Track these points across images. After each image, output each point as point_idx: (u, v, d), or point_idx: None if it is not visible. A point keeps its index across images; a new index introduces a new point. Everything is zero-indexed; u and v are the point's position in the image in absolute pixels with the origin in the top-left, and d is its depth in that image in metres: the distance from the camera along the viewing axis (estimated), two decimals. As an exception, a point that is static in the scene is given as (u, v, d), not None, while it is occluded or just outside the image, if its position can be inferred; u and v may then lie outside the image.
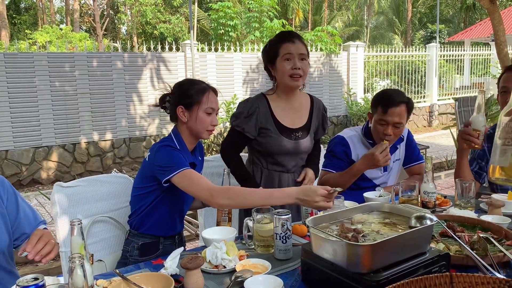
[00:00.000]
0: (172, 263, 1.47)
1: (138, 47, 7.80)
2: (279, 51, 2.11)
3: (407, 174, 2.60)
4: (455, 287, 1.16)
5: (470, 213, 1.90)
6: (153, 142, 7.91)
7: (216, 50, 8.57)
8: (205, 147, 8.09)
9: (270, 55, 2.16)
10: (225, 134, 8.52)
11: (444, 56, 12.43)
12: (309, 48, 9.60)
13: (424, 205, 2.02)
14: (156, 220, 2.01)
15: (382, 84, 11.85)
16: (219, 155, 2.39)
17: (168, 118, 1.92)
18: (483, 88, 13.59)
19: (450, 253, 1.37)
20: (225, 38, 12.06)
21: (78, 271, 0.94)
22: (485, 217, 1.84)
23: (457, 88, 13.27)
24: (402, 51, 11.73)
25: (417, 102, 11.45)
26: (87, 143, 7.28)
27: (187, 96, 1.94)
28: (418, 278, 1.15)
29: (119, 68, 7.43)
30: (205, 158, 2.51)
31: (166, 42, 8.33)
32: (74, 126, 7.12)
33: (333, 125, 10.15)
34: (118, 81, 7.43)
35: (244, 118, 2.19)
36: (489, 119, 5.27)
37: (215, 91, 2.01)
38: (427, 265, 1.26)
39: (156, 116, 7.91)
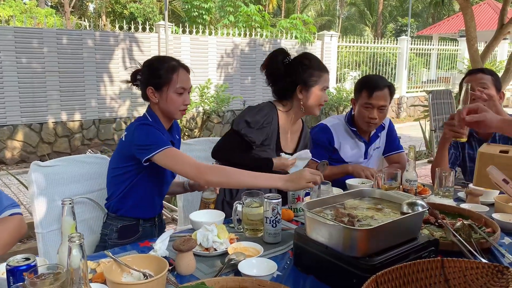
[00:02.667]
0: (161, 245, 1.44)
1: (109, 26, 7.53)
2: (320, 81, 2.02)
3: (387, 163, 2.65)
4: (446, 272, 1.20)
5: (449, 201, 1.96)
6: (123, 124, 7.75)
7: (190, 32, 8.42)
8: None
9: (305, 77, 2.02)
10: (198, 119, 8.44)
11: (414, 50, 12.70)
12: (284, 35, 9.64)
13: (406, 192, 2.06)
14: (135, 202, 1.96)
15: (353, 75, 12.01)
16: (202, 138, 2.35)
17: (140, 100, 1.90)
18: (449, 82, 14.00)
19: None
20: (199, 21, 11.90)
21: (77, 251, 0.91)
22: (464, 206, 1.90)
23: (424, 82, 13.62)
24: (373, 43, 11.89)
25: (387, 94, 11.66)
26: (54, 123, 7.05)
27: (156, 76, 1.87)
28: (411, 262, 1.18)
29: (90, 46, 7.20)
30: (187, 141, 2.48)
31: (137, 22, 8.12)
32: (41, 105, 6.87)
33: (305, 113, 10.24)
34: (88, 60, 7.20)
35: (256, 129, 2.02)
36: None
37: (186, 69, 1.94)
38: (418, 250, 1.29)
39: (127, 97, 7.74)
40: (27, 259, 1.05)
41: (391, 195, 1.49)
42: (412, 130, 9.31)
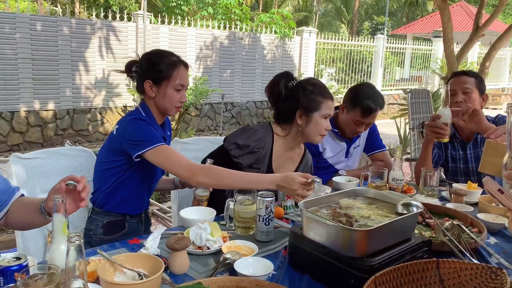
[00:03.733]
0: (153, 243, 1.41)
1: (85, 14, 7.32)
2: (322, 107, 1.94)
3: (371, 160, 2.68)
4: (441, 272, 1.21)
5: (435, 201, 2.00)
6: (98, 115, 7.58)
7: (169, 23, 8.29)
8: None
9: (310, 106, 1.94)
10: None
11: (389, 48, 12.89)
12: (263, 30, 9.60)
13: (392, 190, 2.08)
14: (123, 198, 1.92)
15: (329, 72, 12.09)
16: (198, 137, 2.30)
17: (116, 90, 1.84)
18: (422, 81, 14.30)
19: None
20: (177, 11, 11.73)
21: (76, 251, 0.87)
22: (449, 205, 1.94)
23: (397, 80, 13.85)
24: (349, 40, 11.99)
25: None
26: (27, 112, 6.82)
27: (156, 70, 1.84)
28: (407, 263, 1.19)
29: (65, 34, 6.98)
30: (183, 140, 2.43)
31: (112, 10, 7.93)
32: (13, 92, 6.63)
33: (283, 108, 10.25)
34: (63, 48, 6.99)
35: (246, 153, 1.95)
36: (435, 110, 5.53)
37: (186, 66, 1.91)
38: (413, 251, 1.31)
39: (103, 87, 7.56)
40: (18, 258, 1.00)
41: (385, 195, 1.50)
42: (386, 128, 9.47)
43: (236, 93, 9.42)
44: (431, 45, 14.06)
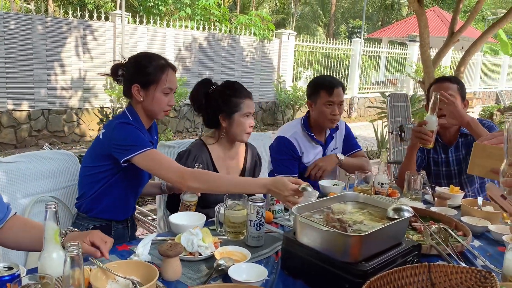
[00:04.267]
0: (143, 249, 1.39)
1: (60, 12, 7.14)
2: (241, 107, 2.01)
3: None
4: (432, 276, 1.23)
5: (419, 204, 2.04)
6: (74, 116, 7.43)
7: (148, 23, 8.19)
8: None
9: (228, 107, 2.02)
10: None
11: (365, 52, 13.08)
12: (242, 31, 9.60)
13: (378, 194, 2.11)
14: (109, 204, 1.89)
15: (307, 74, 12.19)
16: (184, 140, 2.29)
17: (93, 91, 1.79)
18: (397, 84, 14.56)
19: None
20: (154, 11, 11.60)
21: (75, 260, 0.85)
22: (434, 209, 1.98)
23: (372, 83, 14.05)
24: (326, 43, 12.09)
25: (340, 94, 11.93)
26: (-1, 112, 6.63)
27: (145, 73, 1.81)
28: (400, 268, 1.21)
29: (40, 33, 6.81)
30: (168, 143, 2.40)
31: (86, 9, 7.80)
32: (-15, 92, 6.43)
33: (262, 110, 10.28)
34: (38, 47, 6.82)
35: None
36: (413, 114, 5.66)
37: (174, 69, 1.89)
38: (404, 255, 1.33)
39: (79, 88, 7.41)
40: (10, 268, 0.97)
41: (375, 199, 1.52)
42: (363, 130, 9.61)
43: (215, 94, 9.38)
44: (406, 49, 14.34)
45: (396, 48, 14.07)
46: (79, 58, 7.28)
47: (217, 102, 2.02)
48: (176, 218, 1.66)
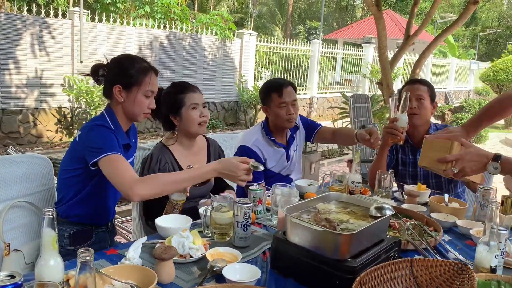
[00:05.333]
0: (134, 253, 1.40)
1: (15, 9, 6.85)
2: (185, 101, 2.09)
3: (320, 141, 2.77)
4: (414, 270, 1.33)
5: (390, 202, 2.14)
6: (30, 116, 7.15)
7: (107, 21, 8.00)
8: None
9: (173, 105, 2.11)
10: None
11: (323, 53, 13.36)
12: (204, 31, 9.56)
13: (351, 193, 2.20)
14: (89, 208, 1.87)
15: (268, 74, 12.31)
16: (156, 141, 2.29)
17: (50, 90, 1.75)
18: (352, 85, 14.97)
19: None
20: (112, 9, 11.31)
21: (87, 267, 0.85)
22: (404, 206, 2.09)
23: (329, 83, 14.36)
24: (284, 43, 12.21)
25: (298, 94, 12.15)
26: (-52, 113, 6.27)
27: (127, 75, 1.80)
28: (386, 263, 1.29)
29: (-7, 29, 6.51)
30: (144, 146, 2.38)
31: (36, 4, 7.52)
32: None
33: (224, 110, 10.29)
34: (-9, 44, 6.51)
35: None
36: (373, 114, 5.86)
37: (156, 72, 1.90)
38: (387, 251, 1.41)
39: (36, 87, 7.13)
40: (13, 277, 0.96)
41: (357, 199, 1.60)
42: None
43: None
44: (362, 51, 14.78)
45: (351, 49, 14.46)
46: (35, 57, 7.01)
47: (165, 104, 2.12)
48: (163, 221, 1.66)
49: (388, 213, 1.43)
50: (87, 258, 0.86)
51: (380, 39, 6.64)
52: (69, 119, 7.62)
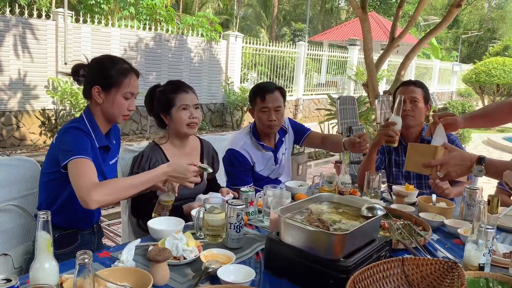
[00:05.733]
0: (128, 255, 1.39)
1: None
2: (175, 101, 2.09)
3: (311, 146, 2.81)
4: (406, 269, 1.35)
5: (380, 202, 2.17)
6: (13, 119, 7.05)
7: (92, 22, 7.93)
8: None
9: (164, 104, 2.12)
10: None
11: (309, 55, 13.44)
12: (190, 33, 9.52)
13: (341, 194, 2.23)
14: (73, 213, 1.84)
15: (254, 76, 12.33)
16: (144, 143, 2.28)
17: (33, 92, 1.74)
18: (337, 86, 15.09)
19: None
20: (96, 10, 11.19)
21: (86, 269, 0.85)
22: (393, 206, 2.12)
23: (315, 85, 14.45)
24: (270, 45, 12.25)
25: (285, 96, 12.16)
26: None
27: (107, 76, 1.79)
28: (378, 262, 1.32)
29: (-26, 30, 6.39)
30: (132, 148, 2.36)
31: (18, 5, 7.42)
32: None
33: (210, 112, 10.27)
34: (-28, 45, 6.39)
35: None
36: (359, 116, 5.92)
37: (137, 74, 1.89)
38: (378, 250, 1.43)
39: (19, 89, 7.02)
40: (9, 280, 0.95)
41: (348, 199, 1.62)
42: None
43: (162, 96, 9.25)
44: (347, 52, 14.90)
45: (336, 51, 14.57)
46: (18, 58, 6.90)
47: (158, 102, 2.14)
48: (156, 223, 1.66)
49: (380, 213, 1.46)
50: (86, 260, 0.86)
51: (365, 42, 6.72)
52: (53, 121, 7.52)
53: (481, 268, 1.44)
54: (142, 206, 2.06)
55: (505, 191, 2.63)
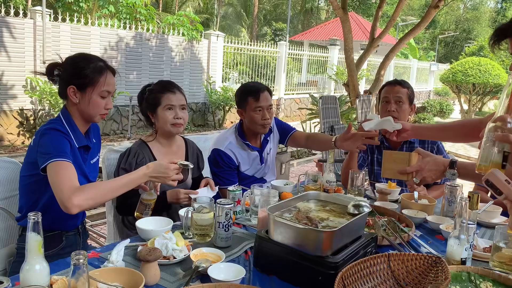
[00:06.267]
0: (117, 256, 1.39)
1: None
2: (161, 101, 2.12)
3: (294, 145, 2.83)
4: (392, 264, 1.39)
5: (364, 200, 2.21)
6: (-10, 119, 6.89)
7: (71, 21, 7.81)
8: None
9: (151, 103, 2.15)
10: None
11: (290, 54, 13.52)
12: (171, 32, 9.47)
13: (326, 192, 2.26)
14: (55, 216, 1.79)
15: (235, 75, 12.34)
16: (128, 143, 2.28)
17: (11, 92, 1.70)
18: (317, 86, 15.20)
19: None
20: (74, 8, 11.03)
21: (82, 270, 0.85)
22: (377, 203, 2.16)
23: (296, 84, 14.55)
24: (251, 44, 12.28)
25: (267, 95, 12.19)
26: None
27: (82, 75, 1.76)
28: (365, 258, 1.35)
29: (-52, 28, 6.22)
30: (117, 148, 2.35)
31: None
32: None
33: (192, 111, 10.23)
34: None
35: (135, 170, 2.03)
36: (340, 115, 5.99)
37: (113, 72, 1.86)
38: (364, 246, 1.47)
39: (-5, 89, 6.88)
40: (1, 282, 0.94)
41: (334, 197, 1.65)
42: (291, 130, 9.94)
43: (143, 95, 9.17)
44: (328, 52, 15.04)
45: (317, 51, 14.69)
46: (-5, 57, 6.77)
47: (146, 101, 2.17)
48: (144, 223, 1.66)
49: (366, 210, 1.49)
50: (81, 261, 0.86)
51: (346, 42, 6.80)
52: (32, 121, 7.39)
53: (463, 262, 1.49)
54: (129, 203, 2.06)
55: (483, 188, 2.71)
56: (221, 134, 2.64)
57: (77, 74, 1.77)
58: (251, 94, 2.47)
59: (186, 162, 1.79)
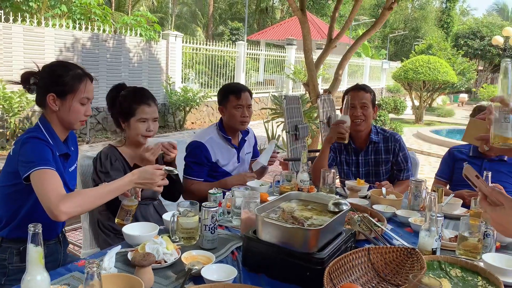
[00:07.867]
0: (109, 262, 1.41)
1: None
2: (136, 112, 2.15)
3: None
4: (371, 257, 1.50)
5: (335, 197, 2.32)
6: None
7: (23, 21, 7.52)
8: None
9: (125, 112, 2.16)
10: (34, 119, 7.61)
11: (248, 54, 13.62)
12: (128, 32, 9.30)
13: (300, 190, 2.36)
14: None
15: (193, 75, 12.27)
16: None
17: None
18: (274, 85, 15.40)
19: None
20: (24, 8, 10.60)
21: (95, 279, 0.88)
22: (349, 200, 2.28)
23: (254, 84, 14.68)
24: (210, 45, 12.27)
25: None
26: None
27: (61, 83, 1.77)
28: (348, 253, 1.45)
29: None
30: (90, 154, 2.33)
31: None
32: None
33: (151, 113, 10.09)
34: None
35: (112, 170, 2.09)
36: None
37: (91, 78, 1.88)
38: (345, 242, 1.56)
39: None
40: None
41: (314, 196, 1.74)
42: (255, 129, 10.03)
43: (101, 97, 8.96)
44: (285, 52, 15.26)
45: (273, 50, 14.88)
46: None
47: (120, 107, 2.17)
48: (130, 229, 1.69)
49: (345, 207, 1.59)
50: (94, 269, 0.89)
51: (305, 43, 6.96)
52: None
53: (433, 252, 1.62)
54: (108, 209, 2.07)
55: (441, 182, 2.90)
56: (203, 130, 2.75)
57: (56, 81, 1.76)
58: (233, 93, 2.60)
59: (171, 168, 1.81)
